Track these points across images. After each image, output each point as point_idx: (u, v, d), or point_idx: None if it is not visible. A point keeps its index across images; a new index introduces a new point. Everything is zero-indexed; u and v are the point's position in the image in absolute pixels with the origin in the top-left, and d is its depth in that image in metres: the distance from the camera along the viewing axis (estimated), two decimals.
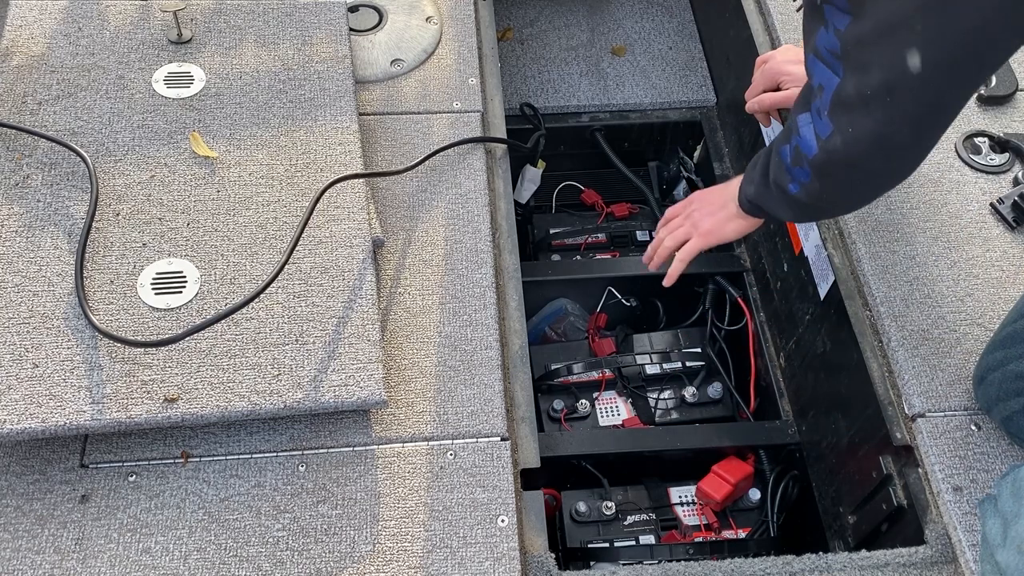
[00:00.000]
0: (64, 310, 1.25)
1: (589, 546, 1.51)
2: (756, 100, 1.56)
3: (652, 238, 1.90)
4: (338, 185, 1.39)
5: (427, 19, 1.72)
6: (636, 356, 1.72)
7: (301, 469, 1.23)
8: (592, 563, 1.49)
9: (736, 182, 1.31)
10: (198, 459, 1.23)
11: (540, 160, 1.94)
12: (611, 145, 1.99)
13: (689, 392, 1.68)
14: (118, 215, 1.35)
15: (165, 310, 1.26)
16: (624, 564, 1.43)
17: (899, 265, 1.39)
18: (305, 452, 1.24)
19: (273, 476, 1.22)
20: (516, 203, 1.89)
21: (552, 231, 1.92)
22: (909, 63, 0.95)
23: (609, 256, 1.89)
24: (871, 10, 1.00)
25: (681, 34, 2.12)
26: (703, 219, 1.36)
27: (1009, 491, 1.02)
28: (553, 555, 1.21)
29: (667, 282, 1.40)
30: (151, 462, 1.22)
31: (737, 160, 1.87)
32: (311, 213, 1.34)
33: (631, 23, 2.14)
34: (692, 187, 2.01)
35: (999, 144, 1.53)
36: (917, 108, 0.98)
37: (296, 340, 1.25)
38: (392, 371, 1.31)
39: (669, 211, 1.45)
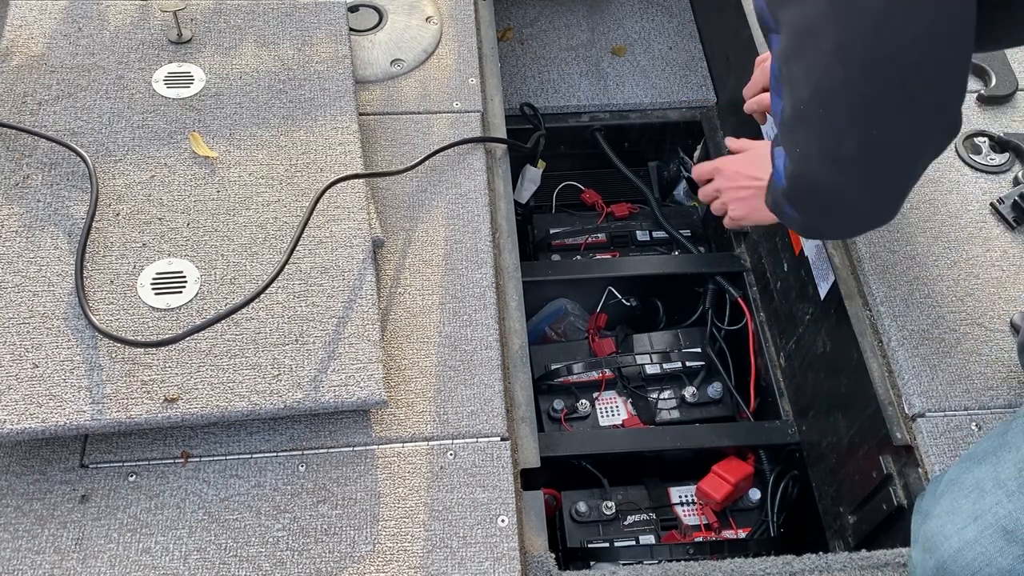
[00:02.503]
0: (64, 310, 1.25)
1: (589, 546, 1.51)
2: (755, 100, 1.55)
3: (652, 238, 1.93)
4: (338, 185, 1.39)
5: (427, 19, 1.72)
6: (636, 356, 1.72)
7: (301, 469, 1.23)
8: (592, 563, 1.49)
9: (765, 172, 1.23)
10: (198, 459, 1.23)
11: (540, 160, 1.93)
12: (611, 145, 1.99)
13: (689, 392, 1.68)
14: (118, 215, 1.35)
15: (165, 310, 1.26)
16: (624, 564, 1.43)
17: (899, 265, 1.39)
18: (305, 452, 1.24)
19: (273, 476, 1.22)
20: (516, 203, 1.89)
21: (552, 231, 1.92)
22: (828, 70, 0.92)
23: (609, 256, 1.89)
24: (785, 22, 0.97)
25: (681, 34, 2.12)
26: (747, 214, 1.35)
27: (931, 491, 1.04)
28: (553, 555, 1.21)
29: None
30: (151, 462, 1.22)
31: None
32: (311, 213, 1.34)
33: (631, 23, 2.14)
34: (692, 187, 2.02)
35: (999, 144, 1.53)
36: (851, 114, 0.94)
37: (296, 340, 1.25)
38: (392, 371, 1.31)
39: (696, 171, 1.44)
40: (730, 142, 1.46)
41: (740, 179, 1.35)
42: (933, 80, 0.91)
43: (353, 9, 1.72)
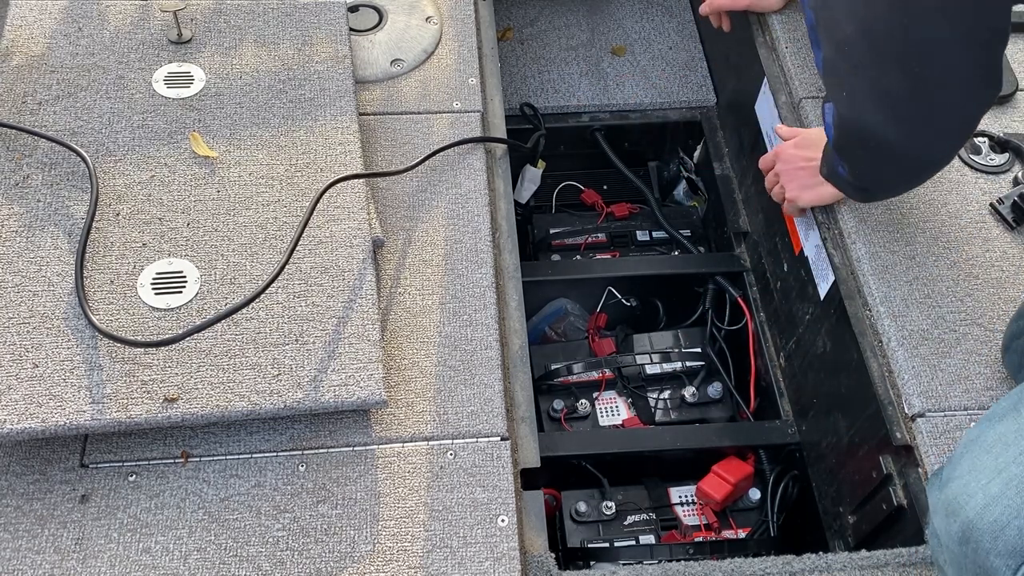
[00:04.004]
0: (64, 310, 1.25)
1: (589, 546, 1.51)
2: (708, 3, 1.60)
3: (652, 238, 1.93)
4: (338, 185, 1.39)
5: (427, 19, 1.72)
6: (636, 356, 1.72)
7: (301, 469, 1.23)
8: (592, 563, 1.49)
9: (817, 151, 1.35)
10: (198, 459, 1.23)
11: (540, 160, 1.94)
12: (611, 145, 1.99)
13: (689, 392, 1.68)
14: (118, 215, 1.35)
15: (165, 310, 1.26)
16: (624, 564, 1.43)
17: (899, 265, 1.39)
18: (305, 452, 1.24)
19: (273, 476, 1.22)
20: (516, 203, 1.89)
21: (552, 231, 1.92)
22: (870, 6, 0.93)
23: (609, 256, 1.89)
24: None
25: (681, 34, 2.12)
26: (800, 193, 1.43)
27: (949, 460, 1.03)
28: (553, 555, 1.21)
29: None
30: (151, 462, 1.22)
31: (737, 160, 1.87)
32: (311, 213, 1.34)
33: (631, 23, 2.14)
34: (692, 187, 2.02)
35: (999, 144, 1.53)
36: (898, 49, 0.95)
37: (296, 340, 1.25)
38: (392, 371, 1.31)
39: (761, 161, 1.52)
40: (780, 129, 1.54)
41: (796, 160, 1.42)
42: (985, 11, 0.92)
43: (353, 9, 1.72)
